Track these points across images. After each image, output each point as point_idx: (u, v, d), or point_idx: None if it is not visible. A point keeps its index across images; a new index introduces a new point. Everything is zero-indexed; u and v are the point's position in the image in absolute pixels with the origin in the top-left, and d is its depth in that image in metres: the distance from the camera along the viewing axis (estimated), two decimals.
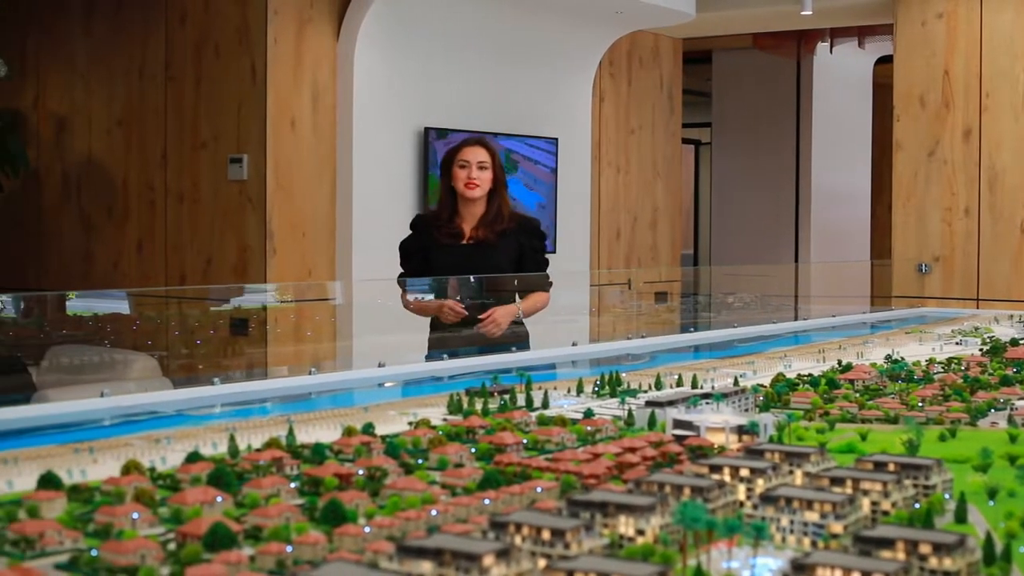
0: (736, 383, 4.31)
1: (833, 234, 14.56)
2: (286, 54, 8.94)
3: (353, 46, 9.19)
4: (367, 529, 2.31)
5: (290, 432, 3.31)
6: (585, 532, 2.13)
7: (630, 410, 3.67)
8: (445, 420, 3.68)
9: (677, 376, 4.51)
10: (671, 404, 3.57)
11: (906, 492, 2.49)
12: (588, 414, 3.67)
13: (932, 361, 4.92)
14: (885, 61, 13.92)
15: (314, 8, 9.11)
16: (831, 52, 14.30)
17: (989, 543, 2.06)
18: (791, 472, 2.68)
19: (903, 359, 4.94)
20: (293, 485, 2.74)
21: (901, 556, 1.98)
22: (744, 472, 2.58)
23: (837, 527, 2.27)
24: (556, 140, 10.89)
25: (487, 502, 2.54)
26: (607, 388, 4.33)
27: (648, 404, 3.61)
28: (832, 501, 2.30)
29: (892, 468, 2.60)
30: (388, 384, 4.94)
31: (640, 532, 2.23)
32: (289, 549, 2.19)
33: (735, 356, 5.52)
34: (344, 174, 9.26)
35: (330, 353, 6.54)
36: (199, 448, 3.12)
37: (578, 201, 11.35)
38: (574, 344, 5.86)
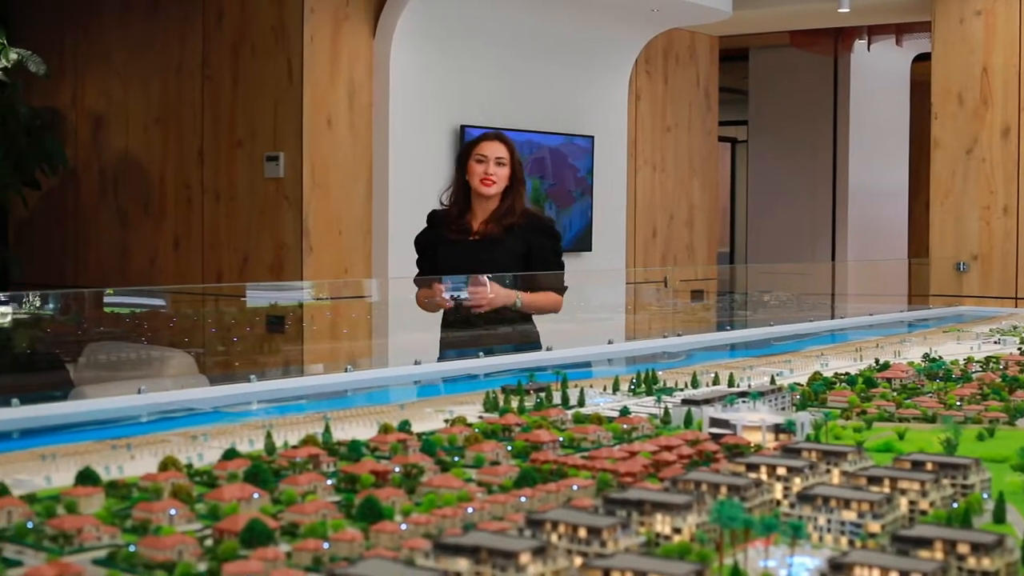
0: (773, 381, 4.30)
1: (870, 232, 14.50)
2: (322, 52, 8.96)
3: (389, 44, 9.21)
4: (403, 526, 2.31)
5: (326, 429, 3.32)
6: (621, 530, 2.12)
7: (666, 408, 3.66)
8: (481, 418, 3.68)
9: (713, 374, 4.50)
10: (707, 402, 3.57)
11: (944, 491, 2.48)
12: (624, 412, 3.67)
13: (970, 360, 4.90)
14: (923, 59, 13.84)
15: (350, 6, 9.13)
16: (868, 50, 14.25)
17: None
18: (828, 471, 2.67)
19: (941, 358, 4.92)
20: (330, 482, 2.74)
21: (939, 556, 1.97)
22: (781, 471, 2.57)
23: (875, 526, 2.26)
24: (592, 138, 10.88)
25: (523, 500, 2.54)
26: (643, 386, 4.32)
27: (684, 402, 3.61)
28: (870, 500, 2.29)
29: (930, 467, 2.59)
30: (423, 381, 4.95)
31: (676, 530, 2.22)
32: (326, 546, 2.19)
33: (772, 354, 5.50)
34: (380, 172, 9.28)
35: (366, 350, 6.55)
36: (236, 445, 3.13)
37: (614, 199, 11.34)
38: (610, 342, 5.86)
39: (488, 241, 6.15)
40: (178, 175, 9.76)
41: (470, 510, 2.44)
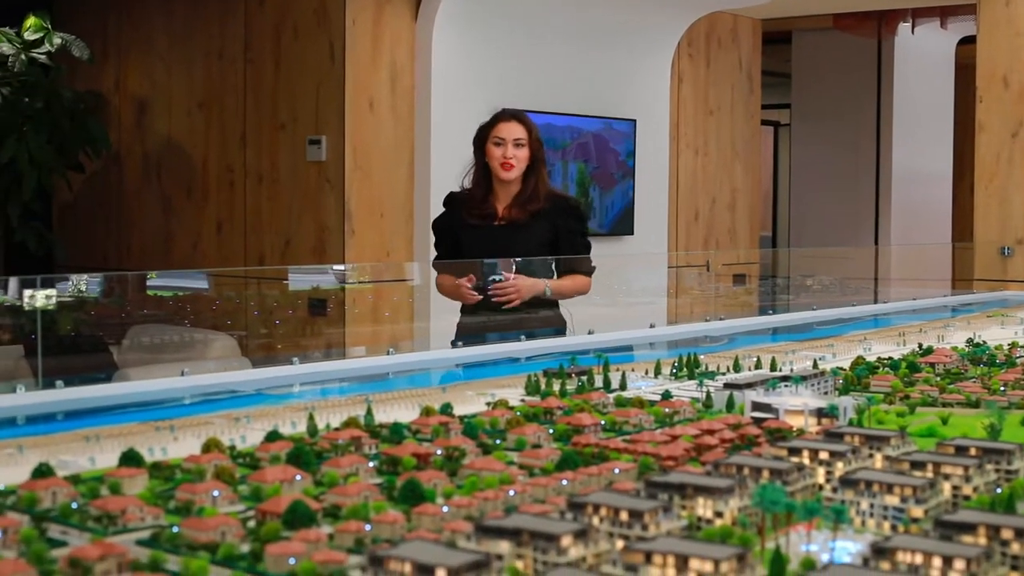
0: (815, 366, 4.28)
1: (914, 216, 14.41)
2: (364, 35, 8.97)
3: (431, 26, 9.20)
4: (445, 508, 2.32)
5: (368, 412, 3.32)
6: (663, 514, 2.12)
7: (708, 392, 3.66)
8: (523, 401, 3.68)
9: (756, 358, 4.49)
10: (749, 386, 3.56)
11: (988, 477, 2.47)
12: (666, 396, 3.66)
13: (1014, 345, 4.87)
14: (968, 41, 13.74)
15: None
16: (912, 32, 14.15)
17: None
18: (871, 455, 2.66)
19: (985, 343, 4.89)
20: (372, 464, 2.75)
21: (982, 541, 1.96)
22: (823, 455, 2.57)
23: (918, 511, 2.25)
24: (634, 121, 10.86)
25: (565, 483, 2.54)
26: (685, 370, 4.31)
27: (726, 386, 3.60)
28: (913, 485, 2.28)
29: (973, 452, 2.58)
30: (465, 364, 4.95)
31: (718, 514, 2.22)
32: (368, 528, 2.20)
33: (814, 339, 5.48)
34: (422, 155, 9.28)
35: (408, 333, 6.56)
36: (278, 427, 3.14)
37: (656, 183, 11.31)
38: (652, 326, 5.84)
39: (513, 227, 5.93)
40: (221, 159, 9.80)
41: (512, 493, 2.44)
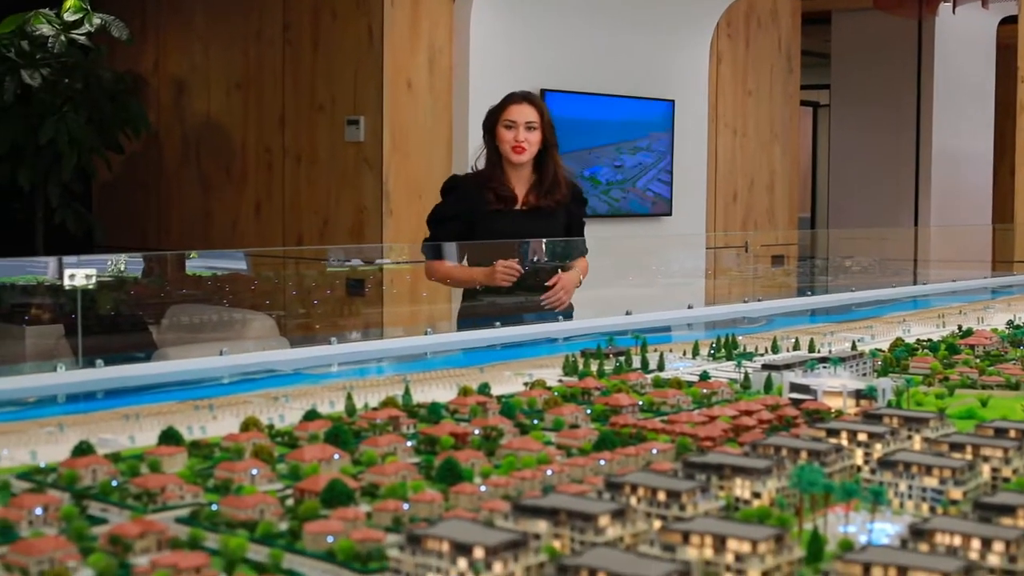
0: (854, 347, 4.27)
1: (954, 197, 14.33)
2: (402, 16, 8.96)
3: (469, 7, 9.19)
4: (483, 488, 2.32)
5: (406, 391, 3.33)
6: (701, 494, 2.12)
7: (746, 373, 3.65)
8: (561, 381, 3.69)
9: (794, 339, 4.48)
10: (788, 367, 3.55)
11: None
12: (704, 377, 3.66)
13: None
14: (1009, 21, 13.64)
15: None
16: (953, 12, 14.04)
17: None
18: (910, 437, 2.65)
19: None
20: (409, 444, 2.76)
21: (1021, 523, 1.95)
22: (862, 436, 2.56)
23: (956, 493, 2.24)
24: (673, 102, 10.83)
25: (602, 463, 2.54)
26: (723, 351, 4.31)
27: (764, 367, 3.60)
28: (952, 467, 2.27)
29: (1013, 434, 2.57)
30: (501, 345, 4.96)
31: (756, 495, 2.22)
32: (406, 507, 2.21)
33: (853, 320, 5.47)
34: (460, 135, 9.28)
35: (446, 313, 6.56)
36: (317, 406, 3.15)
37: (694, 163, 11.28)
38: (690, 307, 5.84)
39: (537, 213, 5.81)
40: (259, 139, 9.82)
41: (549, 472, 2.45)
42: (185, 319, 5.76)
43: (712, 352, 4.32)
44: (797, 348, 4.39)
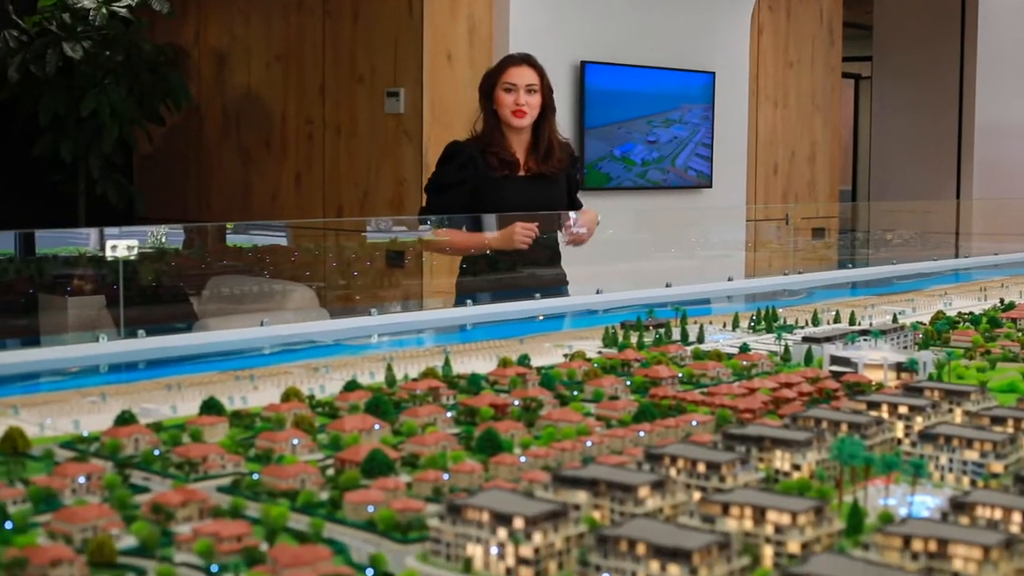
0: (895, 320, 4.26)
1: (997, 169, 14.22)
2: None
3: None
4: (522, 459, 2.33)
5: (446, 362, 3.34)
6: (740, 466, 2.12)
7: (786, 345, 3.65)
8: (600, 353, 3.69)
9: (834, 312, 4.47)
10: (828, 340, 3.54)
11: None
12: (744, 349, 3.66)
13: None
14: None
15: None
16: None
17: None
18: (951, 410, 2.64)
19: None
20: (449, 414, 2.77)
21: None
22: (903, 409, 2.55)
23: (997, 466, 2.24)
24: (713, 74, 10.78)
25: (642, 435, 2.54)
26: (763, 323, 4.30)
27: (805, 340, 3.59)
28: (993, 440, 2.27)
29: None
30: (543, 316, 4.96)
31: (796, 467, 2.22)
32: (446, 477, 2.22)
33: (894, 293, 5.45)
34: None
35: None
36: (357, 377, 3.17)
37: (735, 135, 11.23)
38: (730, 279, 5.82)
39: (539, 179, 5.69)
40: (299, 111, 9.84)
41: (589, 444, 2.45)
42: (226, 290, 5.78)
43: (752, 324, 4.31)
44: (838, 321, 4.38)
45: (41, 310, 5.33)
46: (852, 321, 4.32)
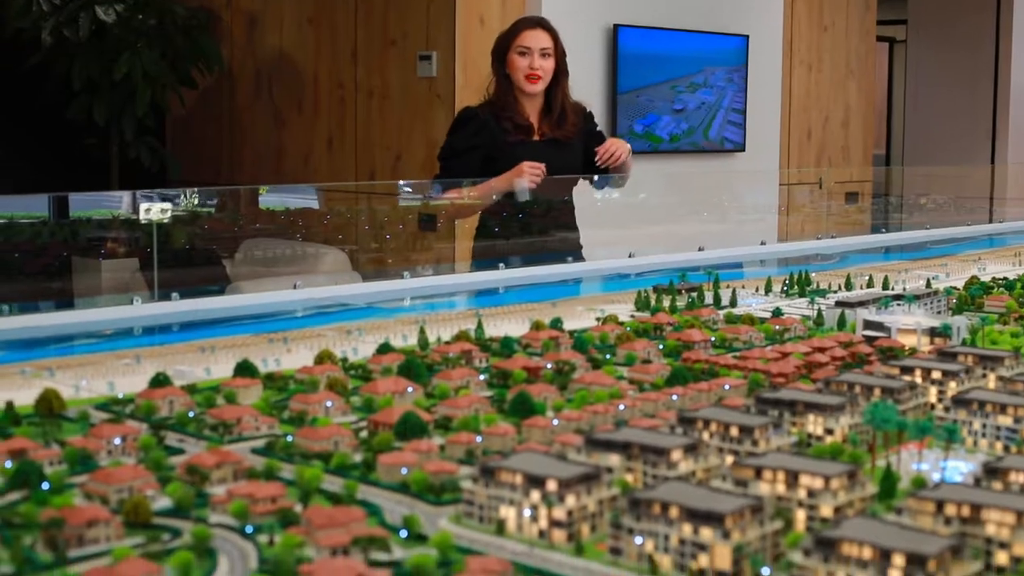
0: (928, 285, 4.24)
1: None
2: None
3: None
4: (555, 422, 2.34)
5: (479, 325, 3.35)
6: (773, 430, 2.12)
7: (819, 310, 3.64)
8: (633, 316, 3.69)
9: (868, 277, 4.46)
10: (862, 305, 3.54)
11: None
12: (777, 313, 3.65)
13: None
14: None
15: None
16: None
17: None
18: (984, 376, 2.63)
19: None
20: (482, 377, 2.78)
21: None
22: (936, 374, 2.55)
23: None
24: (747, 37, 10.72)
25: (675, 398, 2.54)
26: (796, 288, 4.29)
27: (838, 304, 3.58)
28: None
29: None
30: (575, 279, 4.96)
31: (829, 431, 2.21)
32: (479, 439, 2.22)
33: (928, 258, 5.43)
34: None
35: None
36: (390, 340, 3.18)
37: (769, 99, 11.18)
38: (763, 243, 5.81)
39: (554, 144, 5.62)
40: (331, 74, 9.83)
41: (621, 407, 2.45)
42: (259, 253, 5.81)
43: (785, 289, 4.30)
44: (871, 285, 4.36)
45: (75, 273, 5.37)
46: (885, 286, 4.30)
